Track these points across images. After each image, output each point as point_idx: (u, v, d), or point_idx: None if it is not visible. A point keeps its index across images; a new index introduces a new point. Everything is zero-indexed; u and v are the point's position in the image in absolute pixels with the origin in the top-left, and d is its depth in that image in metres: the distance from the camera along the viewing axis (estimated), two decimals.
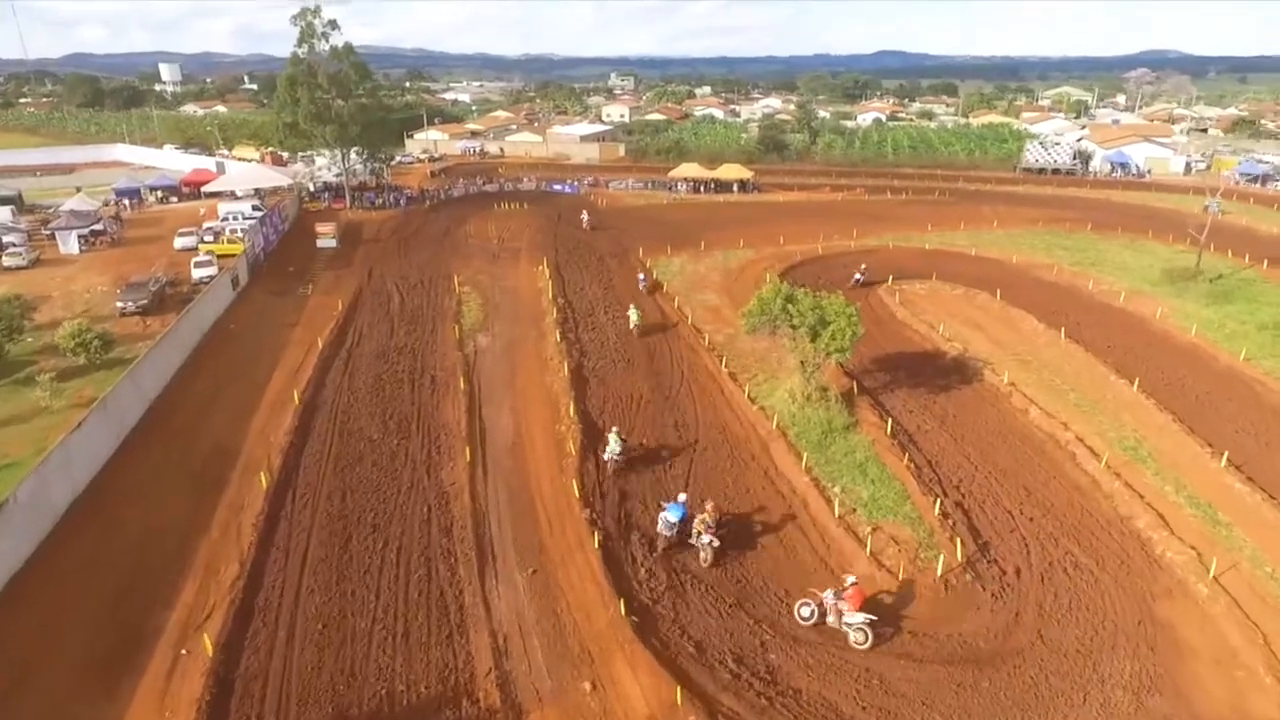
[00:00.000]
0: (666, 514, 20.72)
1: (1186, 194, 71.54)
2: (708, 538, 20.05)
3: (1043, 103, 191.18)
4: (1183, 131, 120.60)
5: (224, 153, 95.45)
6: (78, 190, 64.23)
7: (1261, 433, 27.25)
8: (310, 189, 71.30)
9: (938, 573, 19.81)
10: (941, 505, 22.51)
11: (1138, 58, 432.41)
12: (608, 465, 24.25)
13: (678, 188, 78.03)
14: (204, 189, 66.25)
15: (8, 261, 45.73)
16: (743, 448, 26.21)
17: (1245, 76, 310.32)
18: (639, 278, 43.99)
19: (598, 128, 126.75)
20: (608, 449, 24.38)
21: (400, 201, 68.58)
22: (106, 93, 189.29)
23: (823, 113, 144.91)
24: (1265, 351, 33.88)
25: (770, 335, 28.79)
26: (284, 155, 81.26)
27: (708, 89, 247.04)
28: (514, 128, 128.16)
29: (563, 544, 20.83)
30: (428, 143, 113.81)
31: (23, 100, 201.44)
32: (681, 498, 21.59)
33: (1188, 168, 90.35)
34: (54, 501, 21.62)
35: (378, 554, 20.40)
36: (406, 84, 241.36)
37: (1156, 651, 17.59)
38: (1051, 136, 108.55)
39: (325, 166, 71.71)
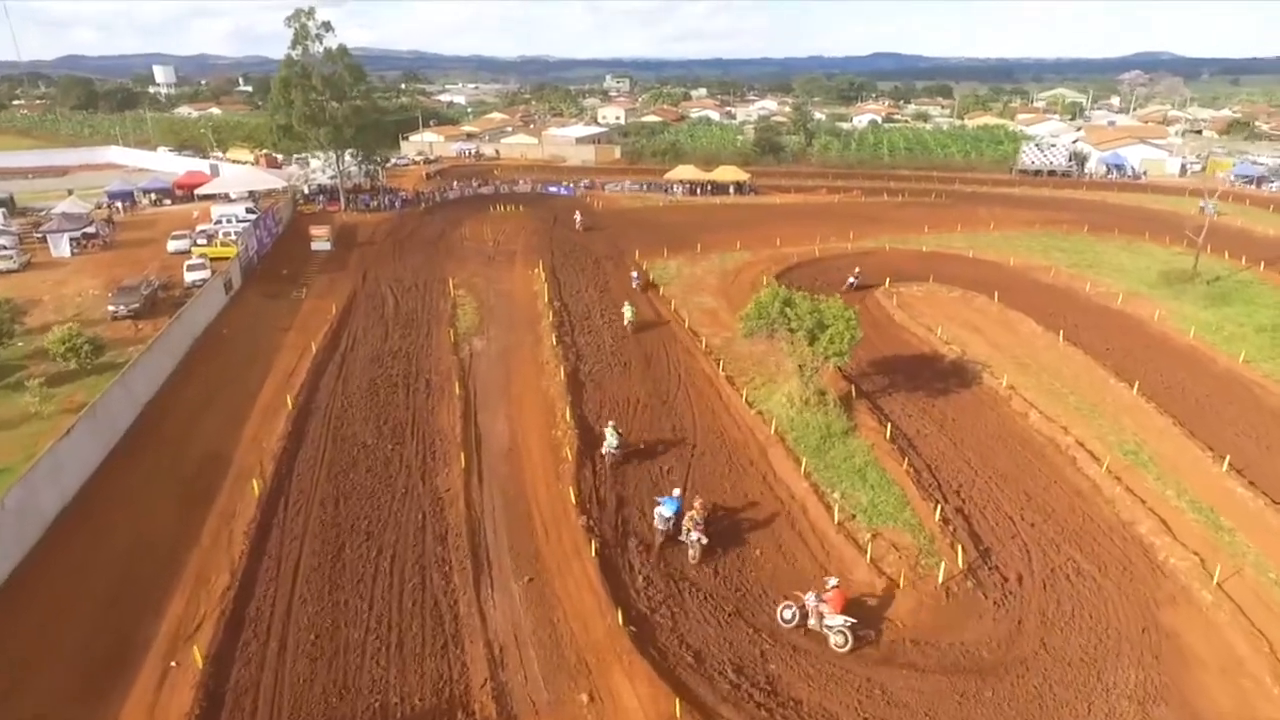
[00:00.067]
0: (661, 509, 20.99)
1: (1182, 195, 71.57)
2: (696, 535, 20.26)
3: (1037, 104, 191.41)
4: (1178, 133, 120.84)
5: (218, 155, 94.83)
6: (70, 193, 63.71)
7: (1262, 436, 27.12)
8: (305, 191, 70.90)
9: (939, 580, 19.60)
10: (942, 511, 22.30)
11: (1131, 59, 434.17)
12: (605, 458, 24.55)
13: (674, 190, 77.83)
14: (198, 192, 65.81)
15: None
16: (741, 452, 25.98)
17: (1238, 78, 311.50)
18: (632, 275, 43.97)
19: (593, 130, 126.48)
20: (605, 443, 24.67)
21: (395, 204, 68.25)
22: (100, 95, 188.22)
23: (818, 114, 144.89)
24: (1264, 354, 33.78)
25: (768, 339, 28.60)
26: (278, 157, 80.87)
27: (703, 91, 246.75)
28: (509, 130, 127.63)
29: (559, 551, 20.56)
30: (423, 145, 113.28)
31: (15, 102, 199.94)
32: (676, 492, 21.76)
33: (1183, 169, 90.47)
34: (42, 509, 21.29)
35: (371, 562, 20.11)
36: (402, 86, 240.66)
37: (1161, 660, 17.39)
38: (1047, 138, 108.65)
39: (320, 169, 71.32)
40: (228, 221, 53.48)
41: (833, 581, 18.22)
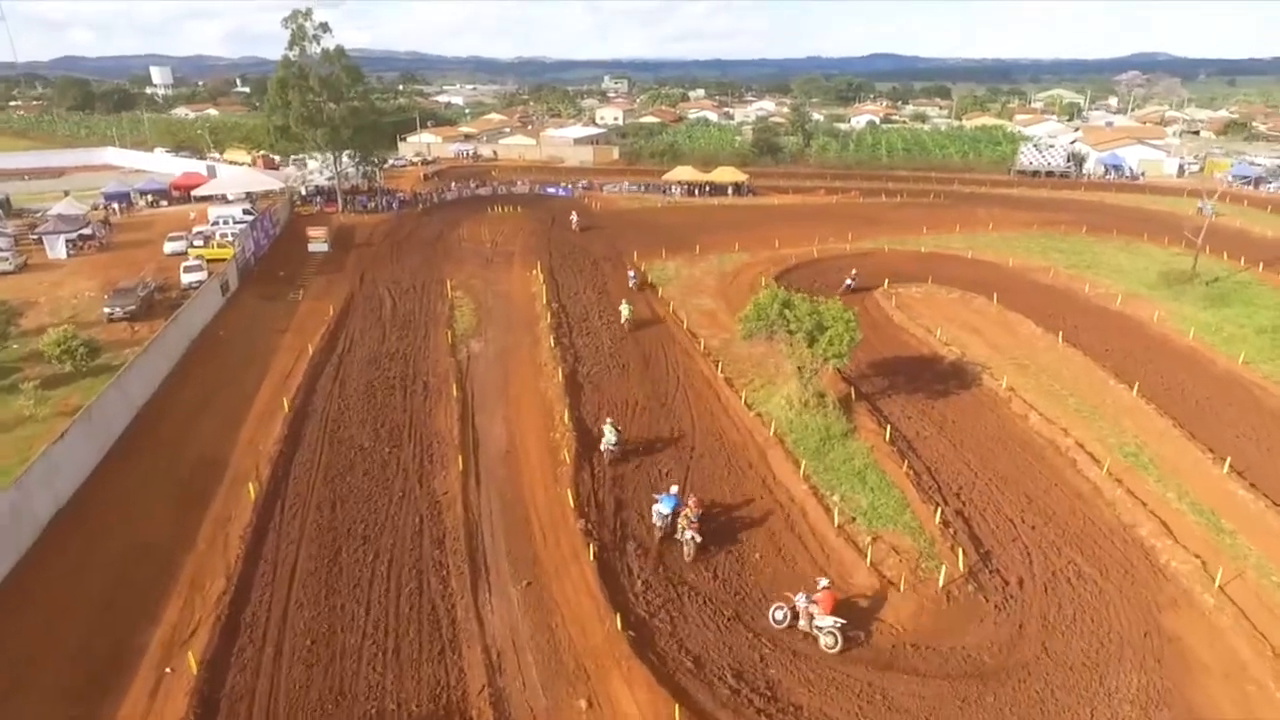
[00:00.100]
0: (659, 505, 21.13)
1: (1180, 196, 71.62)
2: (690, 533, 20.32)
3: (1035, 105, 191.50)
4: (1175, 134, 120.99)
5: (215, 156, 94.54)
6: (66, 194, 63.42)
7: (1263, 438, 27.04)
8: (302, 192, 70.68)
9: (940, 583, 19.48)
10: (942, 513, 22.19)
11: (1128, 60, 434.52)
12: (604, 456, 24.67)
13: (672, 191, 77.70)
14: (194, 193, 65.56)
15: None
16: (740, 455, 25.85)
17: (1234, 79, 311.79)
18: (629, 275, 43.92)
19: (591, 131, 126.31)
20: (604, 440, 24.78)
21: (393, 205, 68.05)
22: (97, 96, 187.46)
23: (816, 115, 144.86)
24: (1264, 355, 33.73)
25: (767, 340, 28.48)
26: (275, 159, 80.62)
27: (701, 92, 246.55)
28: (507, 131, 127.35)
29: (557, 555, 20.43)
30: (421, 146, 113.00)
31: (12, 103, 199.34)
32: (673, 489, 21.84)
33: (1181, 170, 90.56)
34: (36, 513, 21.12)
35: (368, 566, 19.96)
36: (400, 87, 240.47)
37: (1164, 664, 17.28)
38: (1045, 139, 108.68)
39: (317, 170, 71.11)
40: (225, 223, 53.13)
41: (823, 582, 18.17)
